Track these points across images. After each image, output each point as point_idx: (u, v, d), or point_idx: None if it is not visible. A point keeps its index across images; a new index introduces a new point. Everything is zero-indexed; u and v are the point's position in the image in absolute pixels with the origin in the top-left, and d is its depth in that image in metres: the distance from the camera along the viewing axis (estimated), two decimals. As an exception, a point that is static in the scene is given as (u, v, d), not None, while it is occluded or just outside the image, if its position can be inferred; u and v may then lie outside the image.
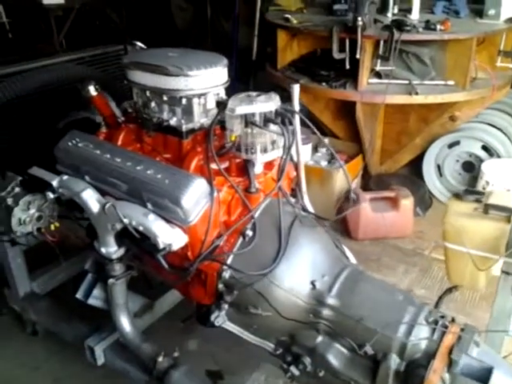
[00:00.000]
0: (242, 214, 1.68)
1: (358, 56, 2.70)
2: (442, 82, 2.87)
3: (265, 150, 1.60)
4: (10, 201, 1.68)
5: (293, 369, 1.63)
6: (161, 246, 1.50)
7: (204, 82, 1.61)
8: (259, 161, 1.61)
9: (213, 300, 1.64)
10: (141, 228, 1.52)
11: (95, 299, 1.87)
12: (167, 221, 1.54)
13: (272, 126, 1.56)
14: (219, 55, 1.71)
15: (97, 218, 1.63)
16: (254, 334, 1.69)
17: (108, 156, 1.65)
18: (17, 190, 1.71)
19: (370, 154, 3.33)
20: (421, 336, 1.46)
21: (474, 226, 1.69)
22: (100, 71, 2.08)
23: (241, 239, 1.62)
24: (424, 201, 3.49)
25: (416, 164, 3.74)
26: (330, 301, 1.56)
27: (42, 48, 6.26)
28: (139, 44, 2.58)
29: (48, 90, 1.91)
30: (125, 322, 1.85)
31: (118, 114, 1.89)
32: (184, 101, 1.64)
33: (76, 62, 2.26)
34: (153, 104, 1.69)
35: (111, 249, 1.68)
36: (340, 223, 3.18)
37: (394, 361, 1.46)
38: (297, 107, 1.69)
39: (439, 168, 3.58)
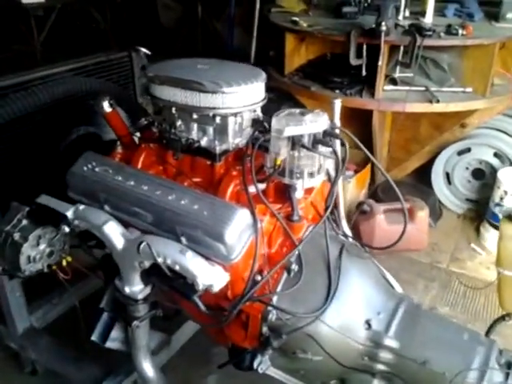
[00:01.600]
0: (283, 244, 1.50)
1: (379, 62, 2.55)
2: (461, 89, 2.75)
3: (311, 175, 1.43)
4: (17, 236, 1.46)
5: (347, 418, 1.47)
6: (200, 287, 1.31)
7: (243, 99, 1.43)
8: (305, 186, 1.44)
9: (254, 344, 1.46)
10: (177, 267, 1.32)
11: (113, 341, 1.66)
12: (206, 258, 1.35)
13: (321, 148, 1.39)
14: (256, 68, 1.53)
15: (121, 255, 1.42)
16: (300, 379, 1.52)
17: (132, 183, 1.45)
18: (24, 222, 1.49)
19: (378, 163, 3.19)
20: (494, 381, 1.32)
21: (534, 251, 1.56)
22: (106, 81, 1.86)
23: (285, 275, 1.44)
24: (435, 211, 3.38)
25: (422, 172, 3.63)
26: (388, 342, 1.41)
27: (18, 49, 5.95)
28: (143, 50, 2.38)
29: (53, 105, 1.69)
30: (147, 367, 1.65)
31: (134, 133, 1.70)
32: (218, 119, 1.45)
33: (79, 71, 2.04)
34: (182, 123, 1.50)
35: (136, 288, 1.48)
36: (353, 236, 3.04)
37: (466, 410, 1.32)
38: (338, 124, 1.53)
39: (448, 176, 3.47)
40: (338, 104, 1.48)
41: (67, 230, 1.45)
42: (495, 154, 3.26)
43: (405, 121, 3.14)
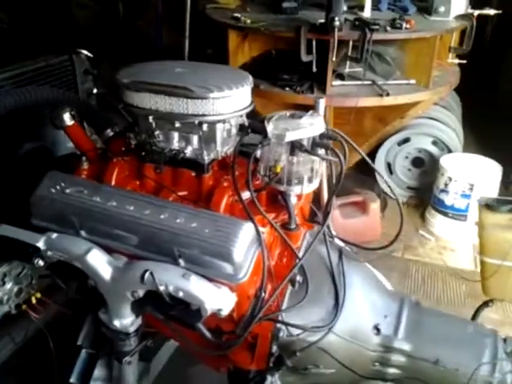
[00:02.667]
0: (282, 255, 1.42)
1: (333, 58, 2.53)
2: (405, 82, 2.82)
3: (310, 180, 1.36)
4: (-22, 276, 1.24)
5: (360, 427, 1.42)
6: (208, 312, 1.19)
7: (233, 104, 1.32)
8: (304, 192, 1.37)
9: (262, 365, 1.36)
10: (180, 294, 1.19)
11: (96, 381, 1.48)
12: (209, 279, 1.23)
13: (320, 152, 1.32)
14: (240, 70, 1.43)
15: (109, 285, 1.26)
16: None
17: (114, 203, 1.28)
18: (-15, 260, 1.28)
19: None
20: (505, 370, 1.34)
21: (515, 238, 1.61)
22: (64, 91, 1.65)
23: (290, 288, 1.36)
24: (380, 201, 3.46)
25: (363, 164, 3.70)
26: (399, 345, 1.38)
27: None
28: (85, 52, 2.18)
29: None
30: (137, 404, 1.50)
31: (99, 146, 1.52)
32: (205, 127, 1.32)
33: (17, 79, 1.80)
34: (163, 132, 1.36)
35: (127, 320, 1.32)
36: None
37: (481, 402, 1.33)
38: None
39: (389, 166, 3.57)
40: (322, 103, 1.42)
41: (41, 263, 1.26)
42: (433, 142, 3.40)
43: (348, 115, 3.16)
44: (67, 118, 1.43)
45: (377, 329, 1.39)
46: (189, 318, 1.25)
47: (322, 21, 2.51)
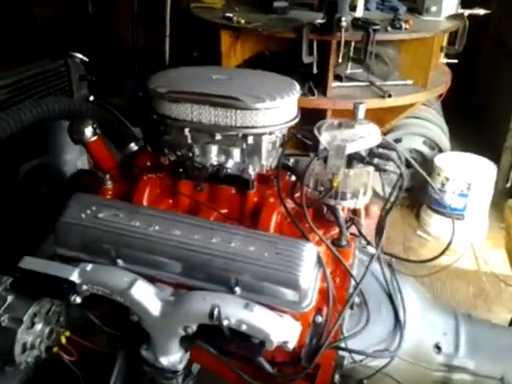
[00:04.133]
0: (334, 274, 1.32)
1: (340, 59, 2.45)
2: (402, 82, 2.78)
3: (364, 193, 1.27)
4: (5, 320, 1.07)
5: None
6: (274, 345, 1.07)
7: (283, 114, 1.20)
8: (358, 206, 1.27)
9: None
10: (243, 328, 1.07)
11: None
12: (270, 308, 1.11)
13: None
14: (286, 78, 1.31)
15: (158, 321, 1.12)
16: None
17: (157, 227, 1.15)
18: (10, 299, 1.10)
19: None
20: None
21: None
22: (83, 101, 1.47)
23: (348, 311, 1.26)
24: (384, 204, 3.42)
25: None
26: (462, 363, 1.31)
27: None
28: (79, 56, 2.01)
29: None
30: None
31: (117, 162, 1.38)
32: (250, 139, 1.21)
33: (12, 87, 1.61)
34: (202, 146, 1.23)
35: (175, 357, 1.18)
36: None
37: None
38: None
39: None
40: (362, 108, 1.33)
41: (79, 300, 1.11)
42: (424, 142, 3.39)
43: (346, 117, 3.09)
44: (89, 133, 1.28)
45: (438, 347, 1.31)
46: (249, 352, 1.14)
47: (322, 21, 2.43)
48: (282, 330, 1.08)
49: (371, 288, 1.32)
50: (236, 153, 1.25)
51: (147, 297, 1.11)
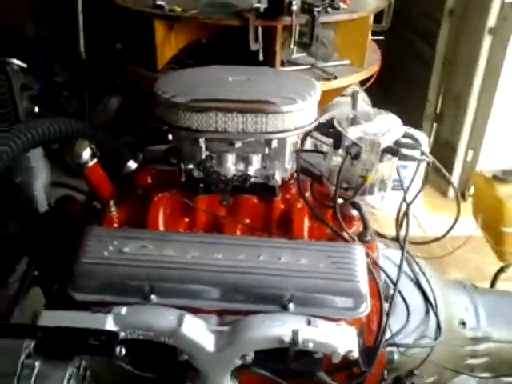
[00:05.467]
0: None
1: (292, 45, 2.38)
2: (341, 63, 2.80)
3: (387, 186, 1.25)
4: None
5: (459, 425, 1.39)
6: (340, 357, 1.03)
7: (310, 114, 1.13)
8: (385, 199, 1.25)
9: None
10: (310, 345, 1.00)
11: None
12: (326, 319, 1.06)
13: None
14: (303, 77, 1.25)
15: (213, 356, 1.01)
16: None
17: (196, 254, 1.03)
18: (38, 366, 0.92)
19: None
20: None
21: (531, 205, 1.70)
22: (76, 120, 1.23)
23: (386, 305, 1.25)
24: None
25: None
26: (485, 333, 1.36)
27: None
28: (17, 62, 1.75)
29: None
30: None
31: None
32: (274, 143, 1.12)
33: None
34: (225, 156, 1.12)
35: (228, 388, 1.09)
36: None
37: None
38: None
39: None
40: (359, 97, 1.31)
41: (124, 352, 0.96)
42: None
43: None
44: (87, 156, 1.10)
45: (463, 323, 1.36)
46: (309, 368, 1.08)
47: (263, 5, 2.35)
48: (347, 341, 1.04)
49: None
50: (258, 159, 1.16)
51: (199, 333, 1.00)
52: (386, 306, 1.23)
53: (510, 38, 2.89)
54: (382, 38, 3.17)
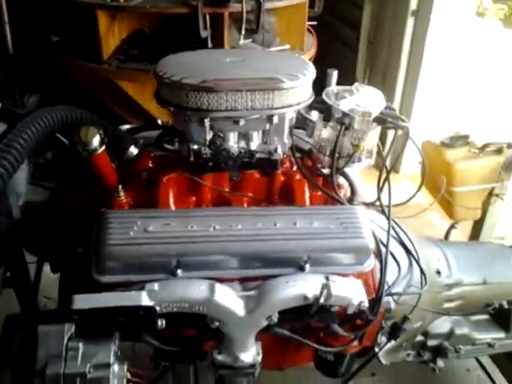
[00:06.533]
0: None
1: (243, 32, 2.42)
2: (282, 48, 2.89)
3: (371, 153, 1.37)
4: (91, 371, 0.91)
5: (439, 361, 1.57)
6: (354, 308, 1.14)
7: (308, 91, 1.21)
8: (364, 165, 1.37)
9: (370, 343, 1.36)
10: (331, 299, 1.10)
11: None
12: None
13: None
14: (293, 55, 1.32)
15: (243, 320, 1.08)
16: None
17: (217, 227, 1.08)
18: (82, 347, 0.93)
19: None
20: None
21: (476, 165, 1.92)
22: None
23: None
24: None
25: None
26: (456, 280, 1.54)
27: None
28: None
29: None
30: None
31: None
32: (275, 119, 1.19)
33: None
34: (230, 134, 1.17)
35: (253, 350, 1.16)
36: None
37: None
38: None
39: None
40: (335, 74, 1.42)
41: (164, 324, 1.00)
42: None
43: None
44: (97, 143, 1.10)
45: (438, 272, 1.52)
46: (327, 322, 1.18)
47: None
48: (357, 292, 1.15)
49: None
50: (258, 136, 1.23)
51: (230, 299, 1.06)
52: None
53: (430, 18, 3.16)
54: (315, 23, 3.32)
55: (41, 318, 0.97)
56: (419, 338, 1.56)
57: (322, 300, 1.06)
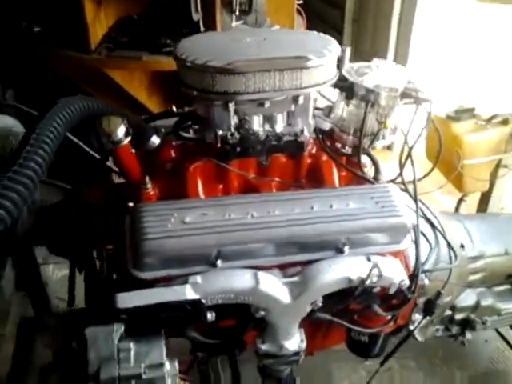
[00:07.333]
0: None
1: (236, 13, 2.36)
2: (273, 28, 2.84)
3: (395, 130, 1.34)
4: (146, 371, 0.87)
5: (467, 334, 1.58)
6: (396, 287, 1.12)
7: (333, 69, 1.18)
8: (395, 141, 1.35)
9: (404, 321, 1.35)
10: (374, 280, 1.08)
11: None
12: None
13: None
14: (314, 33, 1.26)
15: (288, 307, 1.05)
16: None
17: (254, 213, 1.05)
18: (134, 347, 0.89)
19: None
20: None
21: (484, 137, 1.92)
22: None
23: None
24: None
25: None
26: (479, 252, 1.54)
27: None
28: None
29: None
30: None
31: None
32: (301, 100, 1.15)
33: None
34: (256, 118, 1.13)
35: (297, 337, 1.13)
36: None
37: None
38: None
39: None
40: (348, 51, 1.38)
41: (213, 317, 0.97)
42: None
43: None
44: (122, 134, 1.05)
45: (462, 246, 1.52)
46: (368, 303, 1.16)
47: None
48: (398, 271, 1.13)
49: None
50: (283, 118, 1.19)
51: (275, 287, 1.03)
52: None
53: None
54: (300, 1, 3.27)
55: (85, 319, 0.91)
56: (447, 312, 1.57)
57: (369, 281, 1.04)
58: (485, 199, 2.16)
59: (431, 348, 1.98)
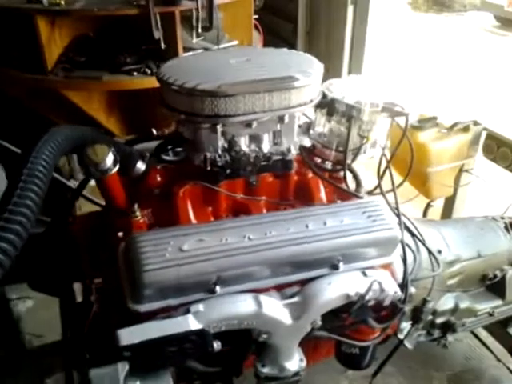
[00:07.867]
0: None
1: (199, 30, 2.33)
2: (230, 44, 2.84)
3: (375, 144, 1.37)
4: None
5: (449, 337, 1.62)
6: (390, 299, 1.15)
7: (318, 87, 1.19)
8: (376, 155, 1.37)
9: (392, 331, 1.37)
10: (370, 294, 1.09)
11: None
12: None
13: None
14: (297, 52, 1.26)
15: (290, 328, 1.04)
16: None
17: (251, 236, 1.03)
18: (139, 385, 0.86)
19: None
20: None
21: (448, 144, 2.00)
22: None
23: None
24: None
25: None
26: (455, 256, 1.59)
27: None
28: None
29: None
30: None
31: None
32: (287, 119, 1.16)
33: None
34: (243, 139, 1.12)
35: (297, 357, 1.13)
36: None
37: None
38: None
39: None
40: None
41: (220, 345, 0.95)
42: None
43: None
44: (111, 163, 1.01)
45: (439, 251, 1.56)
46: (364, 317, 1.18)
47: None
48: (390, 283, 1.15)
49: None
50: (269, 137, 1.19)
51: (277, 309, 1.02)
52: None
53: (368, 6, 3.25)
54: (256, 16, 3.30)
55: (88, 360, 0.87)
56: (428, 317, 1.61)
57: (368, 296, 1.05)
58: (449, 204, 2.25)
59: (407, 352, 2.02)
